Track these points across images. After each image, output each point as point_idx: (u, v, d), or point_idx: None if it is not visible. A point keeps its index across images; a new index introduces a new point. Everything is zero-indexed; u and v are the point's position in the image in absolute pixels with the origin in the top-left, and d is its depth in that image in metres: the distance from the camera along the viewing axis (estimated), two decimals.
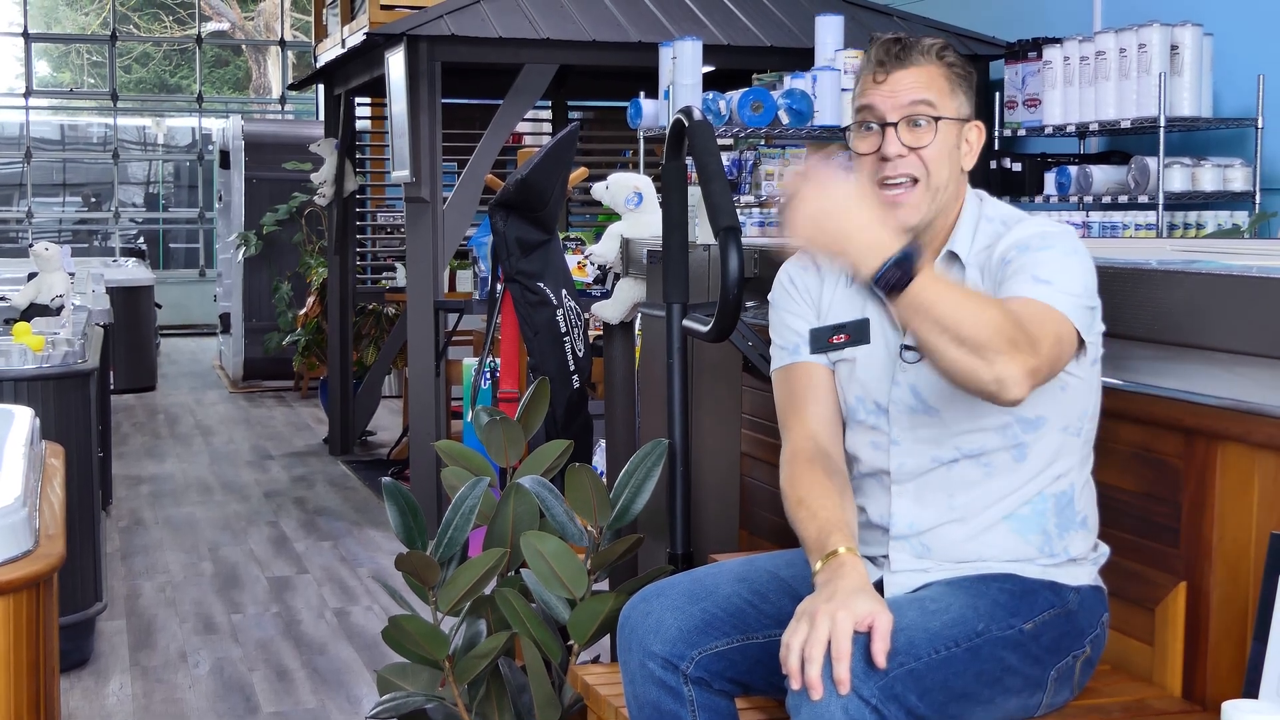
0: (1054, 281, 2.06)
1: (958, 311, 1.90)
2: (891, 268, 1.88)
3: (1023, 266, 2.10)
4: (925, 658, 1.97)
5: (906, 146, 2.18)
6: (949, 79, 2.22)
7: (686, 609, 2.17)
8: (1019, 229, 2.19)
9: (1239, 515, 2.14)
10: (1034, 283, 2.06)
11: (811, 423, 2.29)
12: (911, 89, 2.19)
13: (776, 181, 5.97)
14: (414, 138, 6.46)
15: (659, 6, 6.82)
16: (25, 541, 2.19)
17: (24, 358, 4.55)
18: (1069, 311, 2.05)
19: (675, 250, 2.96)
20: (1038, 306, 2.03)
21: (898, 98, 2.19)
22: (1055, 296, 2.05)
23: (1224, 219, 5.63)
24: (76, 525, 4.52)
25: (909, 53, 2.21)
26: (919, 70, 2.20)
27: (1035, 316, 2.01)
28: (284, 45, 17.52)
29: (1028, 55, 6.31)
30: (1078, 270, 2.11)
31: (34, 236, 15.88)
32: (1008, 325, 1.93)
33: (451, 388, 6.83)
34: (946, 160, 2.20)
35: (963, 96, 2.24)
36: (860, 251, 1.90)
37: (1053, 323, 2.03)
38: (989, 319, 1.92)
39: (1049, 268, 2.08)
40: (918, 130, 2.19)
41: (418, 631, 2.84)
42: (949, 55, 2.23)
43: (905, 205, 2.19)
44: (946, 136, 2.20)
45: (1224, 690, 2.15)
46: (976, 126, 2.26)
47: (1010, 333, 1.93)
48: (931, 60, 2.21)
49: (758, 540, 3.20)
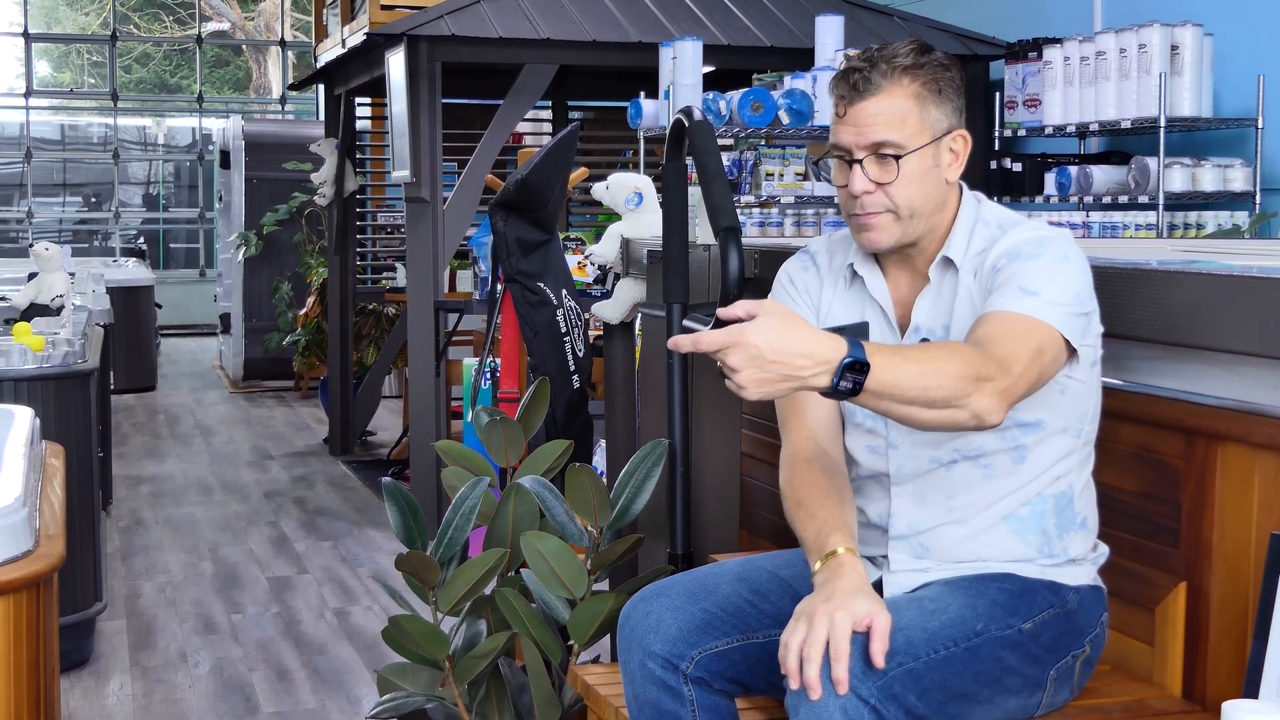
0: (1040, 292, 2.05)
1: (920, 380, 1.89)
2: (843, 375, 1.84)
3: (1011, 276, 2.08)
4: (924, 658, 1.97)
5: (873, 182, 2.16)
6: (919, 97, 2.15)
7: (686, 609, 2.18)
8: (1013, 234, 2.17)
9: (1239, 515, 2.14)
10: (1019, 295, 2.05)
11: (810, 424, 2.29)
12: (873, 124, 2.14)
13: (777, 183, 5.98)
14: (414, 138, 6.46)
15: (659, 6, 6.82)
16: (25, 541, 2.19)
17: (24, 358, 4.55)
18: (1055, 321, 2.04)
19: (675, 250, 2.96)
20: (1016, 321, 2.02)
21: (861, 134, 2.15)
22: (1040, 308, 2.04)
23: (1224, 219, 5.63)
24: (76, 525, 4.52)
25: (870, 80, 2.14)
26: (883, 98, 2.14)
27: (1011, 333, 2.00)
28: (284, 45, 17.52)
29: (1028, 55, 6.31)
30: (1069, 277, 2.09)
31: (34, 236, 15.89)
32: (970, 365, 1.92)
33: (451, 388, 6.83)
34: (918, 187, 2.16)
35: (937, 111, 2.16)
36: (809, 376, 1.84)
37: (1033, 336, 2.01)
38: (950, 371, 1.90)
39: (1037, 277, 2.07)
40: (884, 165, 2.15)
41: (418, 631, 2.84)
42: (919, 70, 2.15)
43: (875, 229, 2.18)
44: (918, 165, 2.15)
45: (1224, 690, 2.15)
46: (961, 136, 2.21)
47: (975, 369, 1.92)
48: (897, 80, 2.14)
49: (758, 540, 3.20)
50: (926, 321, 2.22)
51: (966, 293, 2.18)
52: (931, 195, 2.18)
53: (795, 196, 6.01)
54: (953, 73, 2.20)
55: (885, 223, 2.17)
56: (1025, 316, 2.03)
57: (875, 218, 2.17)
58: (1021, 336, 2.00)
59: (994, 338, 1.99)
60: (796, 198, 6.01)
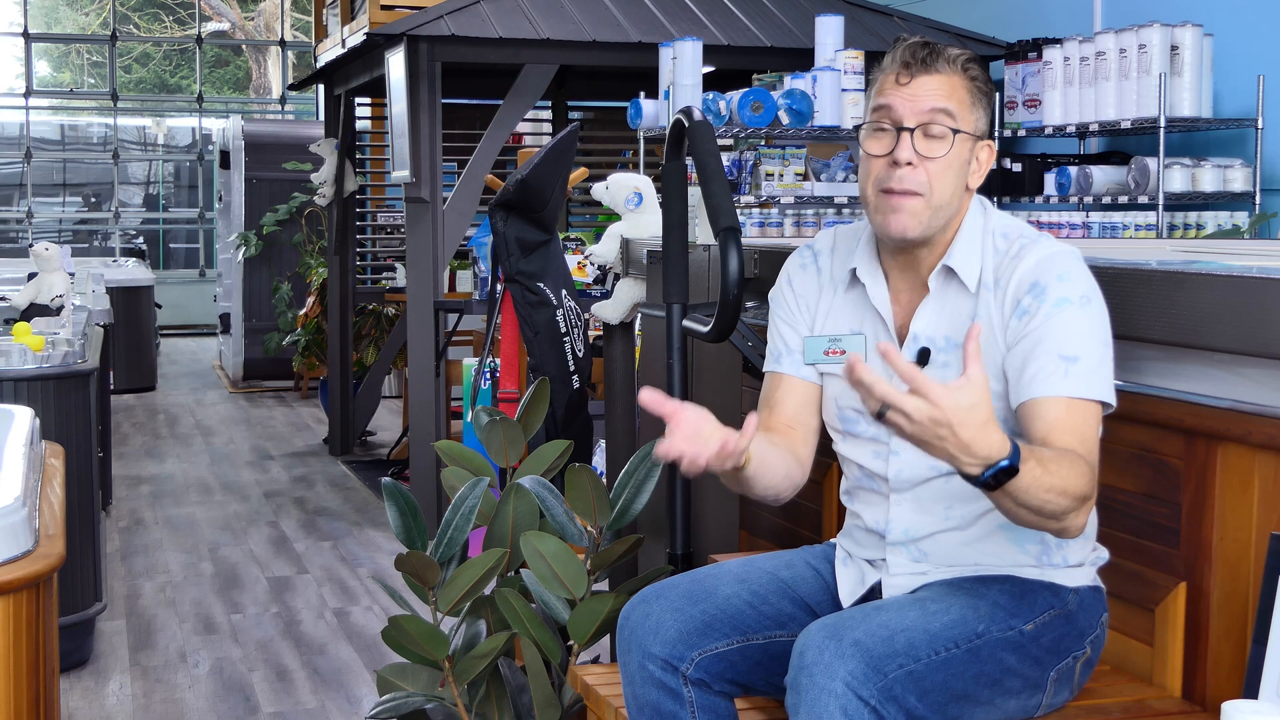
0: (1080, 357, 2.05)
1: (1048, 495, 1.91)
2: (995, 475, 1.85)
3: (1045, 334, 2.07)
4: (925, 659, 1.97)
5: (920, 154, 2.14)
6: (970, 92, 2.17)
7: (686, 610, 2.17)
8: (1029, 258, 2.14)
9: (1239, 516, 2.14)
10: (1063, 368, 2.05)
11: (780, 423, 2.33)
12: (933, 96, 2.14)
13: (777, 183, 5.98)
14: (414, 138, 6.46)
15: (659, 6, 6.82)
16: (25, 541, 2.19)
17: (24, 358, 4.55)
18: (1100, 393, 2.06)
19: (675, 250, 2.96)
20: (1078, 413, 2.03)
21: (918, 102, 2.14)
22: (1086, 383, 2.05)
23: (1224, 219, 5.63)
24: (76, 525, 4.52)
25: (935, 59, 2.16)
26: (943, 78, 2.16)
27: (1081, 431, 2.03)
28: (284, 45, 17.52)
29: (1028, 56, 6.31)
30: (1096, 320, 2.10)
31: (34, 236, 15.90)
32: (1086, 486, 1.96)
33: (451, 388, 6.83)
34: (954, 176, 2.16)
35: (981, 112, 2.19)
36: (965, 463, 1.84)
37: (1093, 424, 2.05)
38: (1072, 491, 1.93)
39: (1073, 337, 2.06)
40: (933, 140, 2.14)
41: (417, 632, 2.84)
42: (974, 69, 2.19)
43: (905, 213, 2.15)
44: (960, 151, 2.16)
45: (1224, 690, 2.15)
46: (988, 146, 2.22)
47: (1087, 489, 1.96)
48: (956, 71, 2.17)
49: (758, 540, 3.20)
50: (926, 331, 2.20)
51: (986, 315, 2.15)
52: (958, 192, 2.18)
53: (795, 197, 6.01)
54: (990, 88, 2.24)
55: (917, 207, 2.15)
56: (1081, 404, 2.04)
57: (908, 199, 2.14)
58: (1088, 431, 2.04)
59: (1069, 438, 2.01)
60: (796, 198, 6.01)
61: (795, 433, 2.33)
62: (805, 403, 2.34)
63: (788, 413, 2.34)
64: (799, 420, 2.34)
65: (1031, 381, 2.07)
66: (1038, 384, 2.06)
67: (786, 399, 2.35)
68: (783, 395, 2.35)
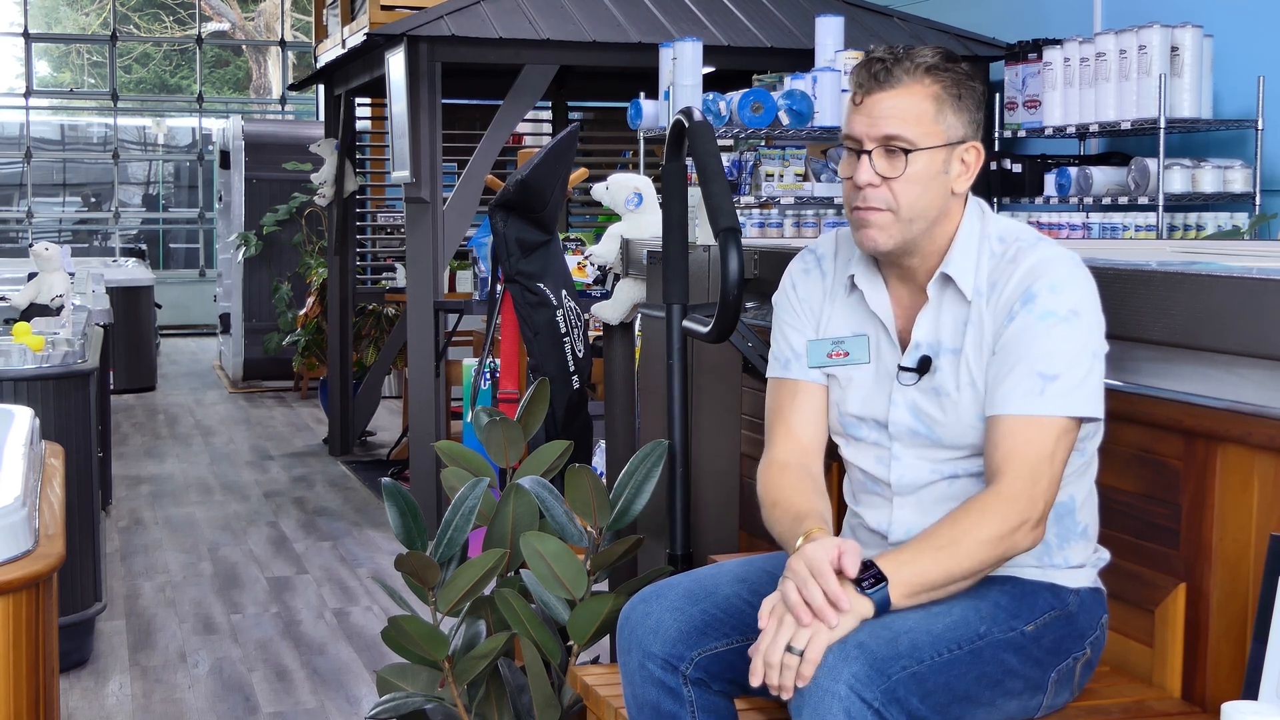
0: (1060, 375, 2.05)
1: (950, 576, 2.01)
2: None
3: (1026, 349, 2.07)
4: (928, 660, 1.97)
5: (880, 175, 2.13)
6: (937, 99, 2.12)
7: (686, 610, 2.17)
8: (1025, 262, 2.13)
9: (1239, 516, 2.14)
10: (1039, 386, 2.05)
11: (796, 438, 2.31)
12: (887, 118, 2.11)
13: (777, 183, 5.98)
14: (414, 138, 6.46)
15: (659, 7, 6.82)
16: (25, 541, 2.19)
17: (24, 358, 4.55)
18: (1078, 407, 2.07)
19: (675, 251, 2.96)
20: (1035, 432, 2.05)
21: (874, 125, 2.12)
22: (1059, 402, 2.05)
23: (1224, 220, 5.63)
24: (76, 525, 4.52)
25: (892, 73, 2.12)
26: (901, 93, 2.11)
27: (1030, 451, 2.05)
28: (284, 45, 17.52)
29: (1028, 56, 6.31)
30: (1083, 334, 2.08)
31: (34, 236, 15.90)
32: (1000, 523, 2.03)
33: (451, 388, 6.83)
34: (922, 190, 2.13)
35: (954, 117, 2.13)
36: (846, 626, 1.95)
37: (1048, 441, 2.06)
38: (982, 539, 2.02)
39: (1056, 354, 2.06)
40: (894, 158, 2.12)
41: (417, 632, 2.84)
42: (942, 73, 2.13)
43: (874, 228, 2.15)
44: (927, 165, 2.12)
45: (1224, 691, 2.15)
46: (974, 148, 2.17)
47: (1006, 525, 2.03)
48: (918, 79, 2.11)
49: (757, 540, 3.20)
50: (926, 338, 2.20)
51: (978, 321, 2.14)
52: (935, 201, 2.15)
53: (795, 197, 6.01)
54: (976, 84, 2.18)
55: (885, 222, 2.15)
56: (1044, 420, 2.05)
57: (876, 214, 2.14)
58: (1042, 452, 2.05)
59: (1013, 459, 2.05)
60: (796, 198, 6.01)
61: (811, 457, 2.31)
62: (818, 411, 2.32)
63: (806, 431, 2.31)
64: (815, 439, 2.32)
65: (1007, 397, 2.08)
66: (1012, 400, 2.07)
67: (801, 409, 2.32)
68: (798, 405, 2.32)
